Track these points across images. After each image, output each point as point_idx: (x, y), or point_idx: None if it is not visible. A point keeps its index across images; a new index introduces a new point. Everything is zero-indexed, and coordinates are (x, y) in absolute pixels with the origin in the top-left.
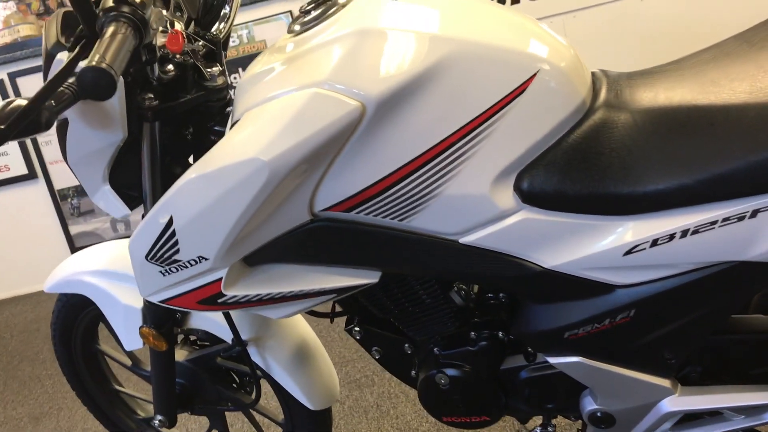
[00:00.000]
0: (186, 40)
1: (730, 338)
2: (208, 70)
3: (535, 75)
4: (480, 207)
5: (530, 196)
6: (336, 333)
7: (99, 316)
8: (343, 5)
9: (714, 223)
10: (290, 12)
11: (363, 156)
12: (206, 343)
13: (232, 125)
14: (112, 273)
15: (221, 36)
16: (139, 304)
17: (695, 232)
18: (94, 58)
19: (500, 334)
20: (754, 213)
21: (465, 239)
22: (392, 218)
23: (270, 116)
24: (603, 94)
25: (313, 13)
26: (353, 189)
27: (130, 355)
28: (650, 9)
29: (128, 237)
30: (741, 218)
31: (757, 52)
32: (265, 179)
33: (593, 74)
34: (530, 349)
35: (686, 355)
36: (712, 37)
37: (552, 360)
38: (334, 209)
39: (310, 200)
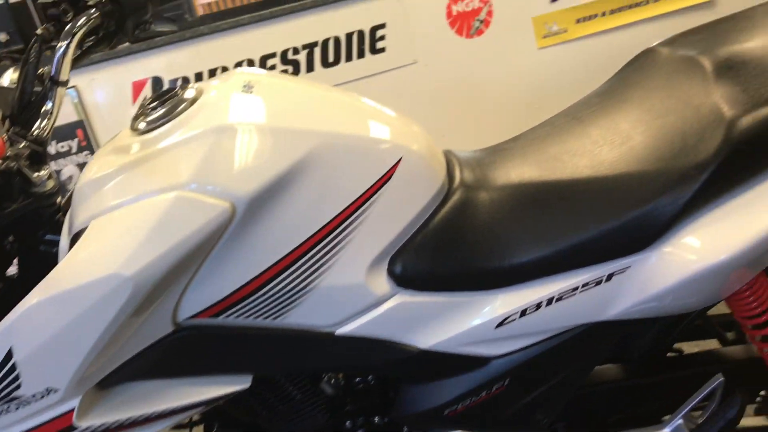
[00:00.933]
0: (7, 143)
1: (590, 390)
2: (35, 174)
3: (399, 162)
4: (355, 296)
5: (404, 279)
6: None
7: None
8: (192, 101)
9: (575, 289)
10: (75, 87)
11: (232, 257)
12: None
13: (74, 235)
14: None
15: (45, 135)
16: None
17: (559, 299)
18: None
19: (376, 418)
20: (609, 277)
21: (341, 330)
22: (265, 318)
23: (127, 224)
24: (458, 175)
25: (160, 110)
26: (222, 293)
27: None
28: (429, 73)
29: None
30: (598, 282)
31: (587, 127)
32: (128, 296)
33: (444, 155)
34: (408, 429)
35: (556, 413)
36: (489, 97)
37: None
38: (200, 316)
39: (173, 309)
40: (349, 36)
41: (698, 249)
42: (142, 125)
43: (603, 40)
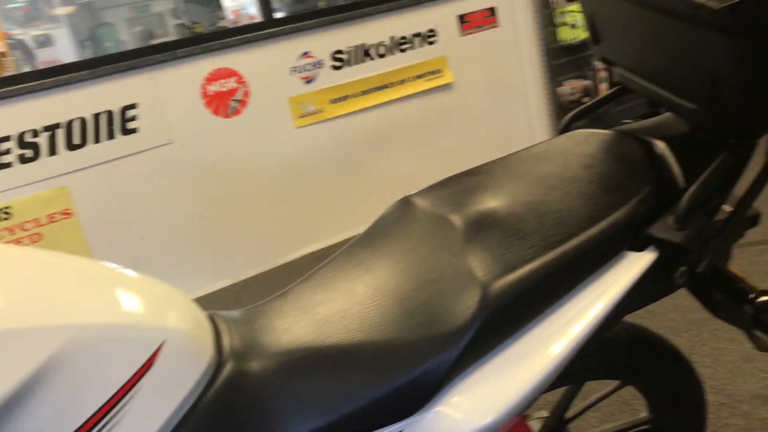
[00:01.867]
0: None
1: None
2: None
3: (161, 346)
4: None
5: None
6: None
7: None
8: None
9: None
10: None
11: None
12: None
13: None
14: None
15: None
16: None
17: None
18: None
19: None
20: None
21: None
22: None
23: None
24: (227, 343)
25: None
26: None
27: None
28: (186, 153)
29: None
30: None
31: (353, 284)
32: None
33: (210, 320)
34: None
35: None
36: (248, 175)
37: None
38: None
39: None
40: (96, 116)
41: (467, 409)
42: None
43: (356, 119)
